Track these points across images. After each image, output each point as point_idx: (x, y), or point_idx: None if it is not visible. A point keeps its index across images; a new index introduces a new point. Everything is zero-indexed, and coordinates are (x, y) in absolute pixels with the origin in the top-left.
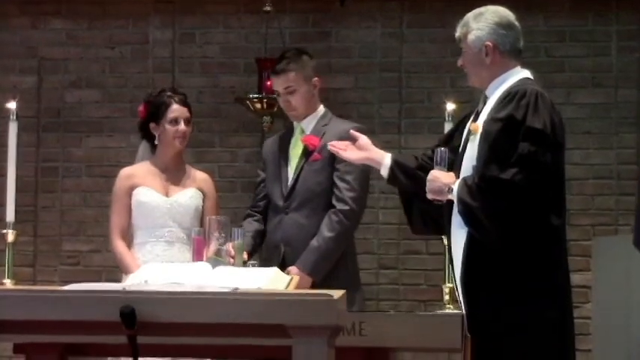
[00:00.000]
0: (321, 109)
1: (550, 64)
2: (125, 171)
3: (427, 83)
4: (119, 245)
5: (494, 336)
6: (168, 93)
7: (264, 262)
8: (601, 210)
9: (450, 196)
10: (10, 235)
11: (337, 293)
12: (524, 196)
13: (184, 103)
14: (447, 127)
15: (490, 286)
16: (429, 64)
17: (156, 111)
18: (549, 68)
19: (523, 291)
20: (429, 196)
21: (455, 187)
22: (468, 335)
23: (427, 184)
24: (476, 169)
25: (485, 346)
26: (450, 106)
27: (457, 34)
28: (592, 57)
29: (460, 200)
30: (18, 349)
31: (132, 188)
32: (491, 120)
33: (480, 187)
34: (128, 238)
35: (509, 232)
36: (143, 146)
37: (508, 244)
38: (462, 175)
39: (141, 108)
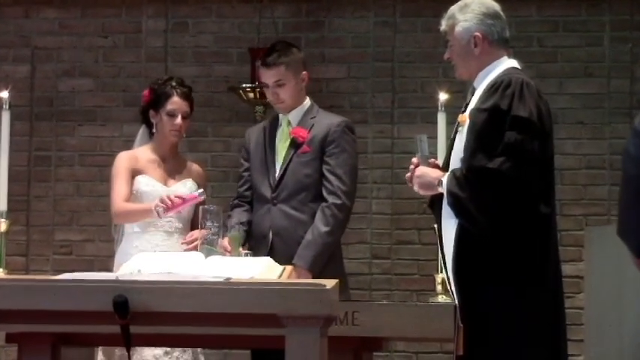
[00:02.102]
0: (307, 101)
1: (543, 54)
2: (126, 153)
3: (420, 73)
4: (124, 204)
5: (486, 326)
6: (173, 83)
7: (251, 252)
8: (593, 200)
9: (440, 189)
10: (3, 225)
11: (330, 283)
12: (512, 186)
13: (186, 96)
14: (440, 117)
15: (481, 277)
16: (422, 54)
17: (157, 99)
18: (542, 58)
19: (513, 281)
20: (420, 192)
21: (444, 180)
22: (461, 325)
23: (416, 180)
24: (463, 160)
25: (477, 336)
26: (443, 96)
27: (442, 28)
28: (585, 47)
29: (449, 192)
30: (10, 338)
31: (135, 170)
32: (476, 110)
33: (467, 178)
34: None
35: (499, 222)
36: (142, 131)
37: (497, 233)
38: (450, 167)
39: (145, 92)
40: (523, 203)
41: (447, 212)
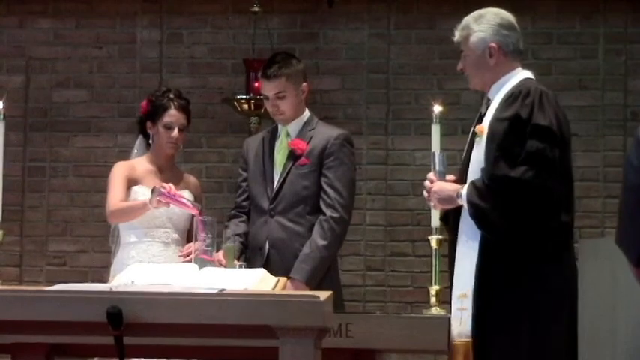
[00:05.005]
0: (307, 113)
1: (537, 66)
2: (123, 162)
3: (414, 85)
4: (119, 202)
5: (499, 330)
6: (171, 95)
7: (247, 263)
8: (587, 212)
9: (460, 202)
10: None
11: (323, 294)
12: (535, 194)
13: (183, 109)
14: (434, 128)
15: (503, 285)
16: (417, 66)
17: (154, 111)
18: (536, 70)
19: (532, 288)
20: (437, 207)
21: (464, 192)
22: (454, 341)
23: (434, 196)
24: (484, 170)
25: (495, 341)
26: (437, 108)
27: (456, 38)
28: (579, 59)
29: (470, 203)
30: (3, 349)
31: (132, 179)
32: (496, 120)
33: (489, 188)
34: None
35: (521, 230)
36: (139, 142)
37: (519, 242)
38: (469, 178)
39: (143, 103)
40: (545, 211)
41: (465, 225)
